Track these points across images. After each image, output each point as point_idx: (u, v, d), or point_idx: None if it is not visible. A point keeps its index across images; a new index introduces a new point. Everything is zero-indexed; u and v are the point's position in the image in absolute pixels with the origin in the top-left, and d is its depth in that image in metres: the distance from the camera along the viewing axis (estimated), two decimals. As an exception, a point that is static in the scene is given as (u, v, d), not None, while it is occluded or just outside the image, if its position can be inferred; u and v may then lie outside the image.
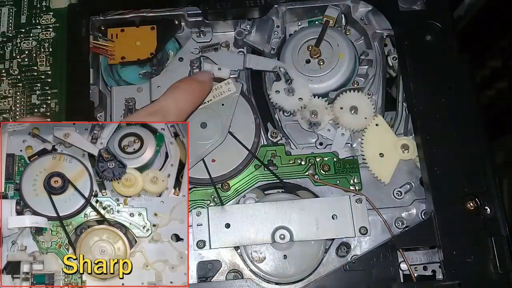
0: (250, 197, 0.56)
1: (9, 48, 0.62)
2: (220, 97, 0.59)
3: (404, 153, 0.57)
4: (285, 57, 0.61)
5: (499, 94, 0.83)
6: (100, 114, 0.61)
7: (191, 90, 0.54)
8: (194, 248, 0.54)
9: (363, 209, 0.54)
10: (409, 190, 0.57)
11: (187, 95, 0.53)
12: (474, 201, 0.52)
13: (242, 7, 0.61)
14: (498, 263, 0.50)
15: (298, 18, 0.64)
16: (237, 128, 0.58)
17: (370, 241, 0.55)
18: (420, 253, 0.54)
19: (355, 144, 0.60)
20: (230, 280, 0.53)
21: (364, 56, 0.62)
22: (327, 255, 0.54)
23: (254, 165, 0.58)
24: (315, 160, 0.58)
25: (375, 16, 0.63)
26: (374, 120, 0.58)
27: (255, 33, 0.64)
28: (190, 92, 0.53)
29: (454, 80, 0.56)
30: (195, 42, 0.63)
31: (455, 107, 0.55)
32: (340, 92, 0.60)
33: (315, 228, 0.54)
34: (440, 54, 0.57)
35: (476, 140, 0.54)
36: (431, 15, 0.59)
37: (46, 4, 0.64)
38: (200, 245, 0.54)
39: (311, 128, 0.60)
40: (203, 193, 0.57)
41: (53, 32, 0.62)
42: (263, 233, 0.54)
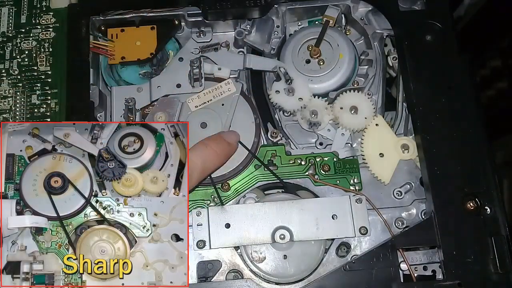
0: (250, 197, 0.56)
1: (9, 48, 0.62)
2: (220, 97, 0.59)
3: (404, 153, 0.57)
4: (285, 57, 0.61)
5: (499, 94, 0.83)
6: (100, 114, 0.61)
7: (219, 152, 0.53)
8: (194, 248, 0.54)
9: (363, 209, 0.54)
10: (409, 190, 0.57)
11: (215, 156, 0.52)
12: (474, 201, 0.52)
13: (242, 7, 0.61)
14: (498, 263, 0.50)
15: (298, 18, 0.64)
16: (237, 128, 0.58)
17: (370, 241, 0.55)
18: (420, 253, 0.54)
19: (355, 144, 0.60)
20: (230, 280, 0.53)
21: (364, 56, 0.62)
22: (327, 255, 0.54)
23: (254, 165, 0.58)
24: (315, 160, 0.58)
25: (375, 16, 0.63)
26: (374, 120, 0.58)
27: (255, 33, 0.64)
28: (219, 154, 0.52)
29: (454, 80, 0.56)
30: (195, 42, 0.63)
31: (455, 107, 0.55)
32: (340, 92, 0.60)
33: (315, 228, 0.54)
34: (440, 54, 0.57)
35: (476, 140, 0.54)
36: (431, 15, 0.59)
37: (46, 4, 0.64)
38: (200, 245, 0.54)
39: (311, 128, 0.60)
40: (203, 193, 0.57)
41: (53, 32, 0.62)
42: (263, 233, 0.54)
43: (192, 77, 0.59)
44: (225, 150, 0.53)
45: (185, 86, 0.59)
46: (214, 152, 0.52)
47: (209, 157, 0.51)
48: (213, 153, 0.52)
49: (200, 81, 0.59)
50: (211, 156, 0.52)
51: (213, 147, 0.52)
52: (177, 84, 0.59)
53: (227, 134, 0.55)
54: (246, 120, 0.58)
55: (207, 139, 0.53)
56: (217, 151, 0.52)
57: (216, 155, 0.52)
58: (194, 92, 0.59)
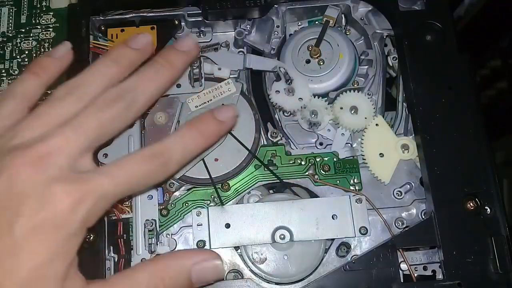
0: (255, 194, 0.56)
1: (9, 48, 0.62)
2: (220, 97, 0.59)
3: (404, 153, 0.57)
4: (285, 57, 0.61)
5: (499, 94, 0.83)
6: (100, 114, 0.61)
7: (206, 132, 0.45)
8: (194, 248, 0.54)
9: (363, 209, 0.54)
10: (409, 190, 0.57)
11: (199, 137, 0.45)
12: (474, 201, 0.52)
13: (242, 7, 0.61)
14: (498, 263, 0.50)
15: (298, 18, 0.64)
16: (237, 127, 0.57)
17: (370, 241, 0.55)
18: (420, 253, 0.54)
19: (355, 144, 0.60)
20: (230, 280, 0.53)
21: (364, 56, 0.62)
22: (327, 255, 0.54)
23: (254, 165, 0.58)
24: (315, 160, 0.58)
25: (375, 16, 0.63)
26: (374, 120, 0.58)
27: (255, 33, 0.64)
28: (205, 135, 0.45)
29: (454, 80, 0.56)
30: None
31: (455, 107, 0.55)
32: (340, 92, 0.60)
33: (315, 228, 0.54)
34: (440, 54, 0.57)
35: (476, 140, 0.54)
36: (431, 15, 0.59)
37: (46, 4, 0.64)
38: (200, 245, 0.54)
39: (311, 128, 0.60)
40: (203, 193, 0.57)
41: (53, 32, 0.62)
42: (263, 233, 0.54)
43: (192, 77, 0.59)
44: (214, 129, 0.46)
45: (185, 86, 0.59)
46: (199, 133, 0.45)
47: (192, 140, 0.44)
48: (197, 134, 0.45)
49: (200, 81, 0.59)
50: (195, 138, 0.45)
51: (197, 127, 0.45)
52: (177, 84, 0.59)
53: (218, 110, 0.47)
54: (246, 119, 0.58)
55: (194, 119, 0.47)
56: (203, 132, 0.45)
57: (202, 136, 0.45)
58: (194, 92, 0.59)
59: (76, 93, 0.43)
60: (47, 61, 0.46)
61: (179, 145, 0.44)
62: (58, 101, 0.42)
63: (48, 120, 0.41)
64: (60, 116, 0.41)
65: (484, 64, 0.85)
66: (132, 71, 0.46)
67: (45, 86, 0.46)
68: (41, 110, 0.42)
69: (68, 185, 0.38)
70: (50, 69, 0.46)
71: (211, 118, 0.46)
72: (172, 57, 0.48)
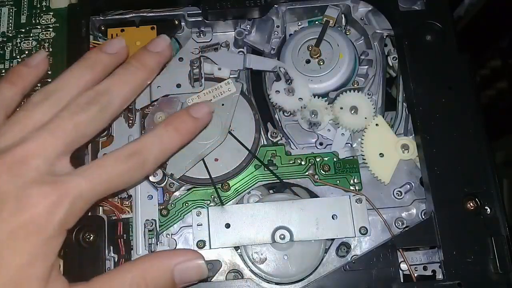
0: (255, 194, 0.56)
1: (9, 48, 0.62)
2: (220, 97, 0.59)
3: (404, 153, 0.57)
4: (285, 57, 0.61)
5: (499, 94, 0.83)
6: (100, 114, 0.61)
7: (182, 130, 0.47)
8: (194, 248, 0.54)
9: (363, 209, 0.54)
10: (409, 190, 0.57)
11: (176, 135, 0.47)
12: (474, 201, 0.52)
13: (242, 7, 0.61)
14: (498, 263, 0.50)
15: (298, 18, 0.64)
16: (238, 127, 0.58)
17: (370, 241, 0.55)
18: (420, 253, 0.54)
19: (355, 144, 0.60)
20: (230, 280, 0.53)
21: (364, 56, 0.62)
22: (327, 255, 0.54)
23: (254, 165, 0.58)
24: (315, 160, 0.58)
25: (375, 16, 0.63)
26: (374, 120, 0.58)
27: (255, 33, 0.64)
28: (181, 132, 0.47)
29: (454, 80, 0.56)
30: (195, 42, 0.63)
31: (455, 107, 0.55)
32: (340, 92, 0.60)
33: (315, 228, 0.54)
34: (440, 54, 0.57)
35: (476, 140, 0.54)
36: (431, 15, 0.59)
37: (46, 4, 0.64)
38: (200, 245, 0.54)
39: (311, 128, 0.60)
40: (203, 193, 0.57)
41: (53, 32, 0.62)
42: (263, 233, 0.54)
43: (192, 77, 0.59)
44: (190, 125, 0.48)
45: (185, 86, 0.59)
46: (175, 130, 0.47)
47: (168, 137, 0.46)
48: (173, 132, 0.46)
49: (200, 81, 0.59)
50: (171, 134, 0.46)
51: (173, 125, 0.47)
52: (177, 84, 0.59)
53: (193, 107, 0.50)
54: (246, 119, 0.58)
55: (170, 117, 0.49)
56: (179, 128, 0.47)
57: (178, 133, 0.47)
58: (194, 92, 0.59)
59: (52, 98, 0.43)
60: (23, 70, 0.48)
61: (156, 144, 0.45)
62: (34, 106, 0.43)
63: (25, 125, 0.41)
64: (37, 120, 0.42)
65: (484, 64, 0.85)
66: (107, 75, 0.47)
67: (22, 94, 0.47)
68: (18, 116, 0.43)
69: (45, 188, 0.38)
70: (27, 78, 0.48)
71: (187, 115, 0.48)
72: (145, 58, 0.50)
